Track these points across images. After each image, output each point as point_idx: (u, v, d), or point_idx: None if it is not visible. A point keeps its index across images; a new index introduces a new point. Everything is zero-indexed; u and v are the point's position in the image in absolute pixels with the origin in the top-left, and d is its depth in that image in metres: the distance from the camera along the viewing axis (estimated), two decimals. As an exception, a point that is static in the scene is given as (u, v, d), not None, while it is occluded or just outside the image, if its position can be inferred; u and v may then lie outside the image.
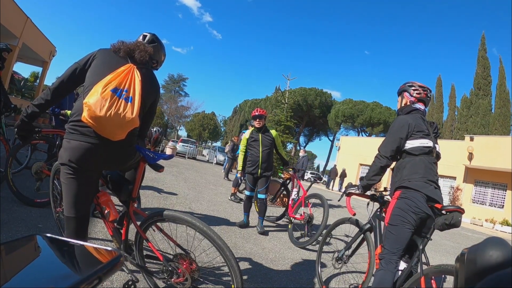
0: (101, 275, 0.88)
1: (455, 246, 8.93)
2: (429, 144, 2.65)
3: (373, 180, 2.79)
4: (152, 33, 2.56)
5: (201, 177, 12.31)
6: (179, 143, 27.49)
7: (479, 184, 21.79)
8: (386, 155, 2.70)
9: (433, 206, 2.46)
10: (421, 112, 2.84)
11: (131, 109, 1.93)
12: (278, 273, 3.70)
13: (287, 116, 10.48)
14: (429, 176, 2.55)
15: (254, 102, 57.76)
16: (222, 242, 2.04)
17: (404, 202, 2.51)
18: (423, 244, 2.47)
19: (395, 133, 2.69)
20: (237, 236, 4.90)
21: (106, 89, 1.87)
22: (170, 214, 2.18)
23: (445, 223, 2.34)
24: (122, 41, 2.23)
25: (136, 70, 2.07)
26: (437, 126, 2.88)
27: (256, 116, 5.78)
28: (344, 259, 3.31)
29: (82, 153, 1.90)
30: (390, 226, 2.57)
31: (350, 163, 29.74)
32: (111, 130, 1.90)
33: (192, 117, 65.58)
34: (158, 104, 2.53)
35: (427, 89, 2.88)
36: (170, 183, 8.61)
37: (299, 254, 4.63)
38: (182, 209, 5.86)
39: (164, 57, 2.70)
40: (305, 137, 58.76)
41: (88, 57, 2.13)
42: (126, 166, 2.29)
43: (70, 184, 1.96)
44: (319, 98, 47.10)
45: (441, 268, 2.25)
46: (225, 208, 6.92)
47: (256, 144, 5.75)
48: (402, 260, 2.58)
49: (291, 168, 6.56)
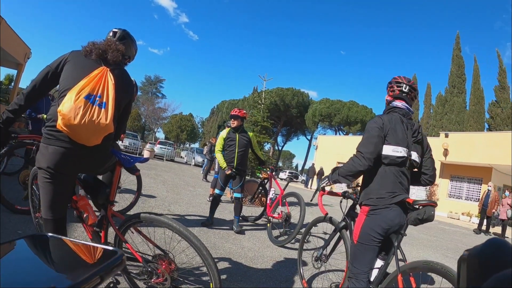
0: (102, 275, 0.90)
1: (431, 240, 9.21)
2: (401, 154, 2.40)
3: (346, 180, 2.49)
4: (122, 29, 2.49)
5: (179, 179, 12.25)
6: (157, 145, 27.29)
7: (455, 179, 22.47)
8: (370, 156, 2.35)
9: (405, 201, 2.33)
10: (403, 111, 2.57)
11: (105, 115, 1.96)
12: (257, 271, 3.76)
13: (264, 116, 10.60)
14: (397, 190, 2.38)
15: (232, 102, 57.67)
16: (199, 241, 2.08)
17: (374, 219, 2.36)
18: (398, 240, 2.36)
19: (374, 134, 2.40)
20: (216, 236, 4.94)
21: (79, 96, 1.89)
22: (147, 216, 2.22)
23: (417, 218, 2.24)
24: (93, 42, 2.21)
25: (109, 73, 2.09)
26: (418, 129, 2.57)
27: (232, 116, 5.88)
28: (323, 258, 3.28)
29: (59, 158, 1.94)
30: (359, 245, 2.42)
31: (328, 161, 30.00)
32: (86, 136, 1.94)
33: (170, 118, 65.17)
34: (134, 105, 2.55)
35: (402, 83, 2.61)
36: (148, 186, 8.54)
37: (278, 253, 4.71)
38: (161, 211, 5.84)
39: (136, 51, 2.65)
40: (283, 137, 59.03)
41: (60, 60, 2.13)
42: (102, 169, 2.34)
43: (48, 187, 2.00)
44: (296, 98, 47.41)
45: (416, 264, 2.25)
46: (204, 209, 6.92)
47: (232, 143, 5.81)
48: (379, 258, 2.47)
49: (268, 168, 6.62)
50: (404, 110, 2.59)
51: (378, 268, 2.44)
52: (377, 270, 2.44)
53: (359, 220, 2.47)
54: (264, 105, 10.94)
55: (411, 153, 2.47)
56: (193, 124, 69.35)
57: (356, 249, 2.45)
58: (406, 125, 2.51)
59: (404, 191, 2.42)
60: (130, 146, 24.52)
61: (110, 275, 0.96)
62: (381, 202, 2.35)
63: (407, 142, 2.46)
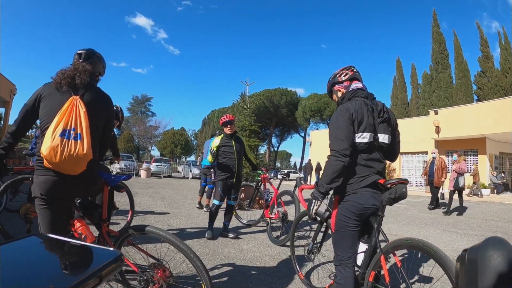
0: (101, 275, 0.92)
1: (433, 217, 9.30)
2: (366, 140, 2.36)
3: (336, 182, 2.31)
4: (86, 49, 2.57)
5: (177, 194, 12.33)
6: (152, 163, 27.28)
7: (451, 154, 22.49)
8: (347, 152, 2.27)
9: (377, 182, 2.36)
10: (364, 92, 2.53)
11: (81, 146, 2.11)
12: (257, 271, 3.86)
13: (251, 120, 10.69)
14: (365, 174, 2.37)
15: (221, 111, 57.76)
16: (185, 245, 2.21)
17: (346, 206, 2.37)
18: (377, 222, 2.35)
19: (344, 127, 2.32)
20: (215, 243, 5.02)
21: (54, 135, 2.05)
22: (135, 227, 2.39)
23: (390, 198, 2.25)
24: (61, 71, 2.31)
25: (79, 102, 2.21)
26: (383, 108, 2.49)
27: (226, 122, 5.62)
28: (315, 250, 3.34)
29: (49, 186, 2.13)
30: (337, 233, 2.45)
31: (323, 156, 29.29)
32: (69, 168, 2.11)
33: (162, 135, 65.15)
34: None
35: (349, 66, 2.67)
36: (147, 204, 8.65)
37: (277, 251, 4.80)
38: (161, 227, 5.86)
39: (105, 65, 2.75)
40: (277, 137, 59.32)
41: (35, 97, 2.27)
42: (92, 191, 2.53)
43: (44, 213, 2.18)
44: (284, 97, 47.67)
45: (398, 243, 2.28)
46: (203, 219, 6.99)
47: (230, 151, 5.52)
48: (362, 242, 2.50)
49: (260, 170, 6.54)
50: (366, 91, 2.55)
51: (364, 252, 2.46)
52: (363, 254, 2.46)
53: (334, 209, 2.50)
54: (249, 109, 11.05)
55: (378, 136, 2.44)
56: (186, 137, 69.31)
57: (336, 237, 2.47)
58: (371, 107, 2.45)
59: (373, 173, 2.40)
60: (126, 167, 24.55)
61: (109, 275, 0.98)
62: (349, 188, 2.38)
63: (374, 126, 2.42)
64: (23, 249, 1.09)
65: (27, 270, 0.93)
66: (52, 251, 1.17)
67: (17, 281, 0.85)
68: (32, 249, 1.13)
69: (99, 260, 1.05)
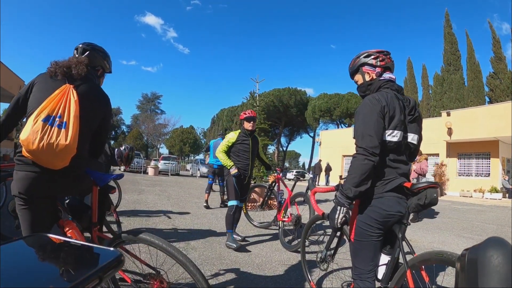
0: (101, 275, 0.88)
1: (445, 222, 9.00)
2: (396, 139, 2.06)
3: (365, 185, 1.99)
4: (82, 43, 2.42)
5: (184, 192, 12.19)
6: (160, 161, 27.34)
7: (463, 156, 22.27)
8: (376, 150, 1.97)
9: (402, 186, 2.05)
10: (395, 85, 2.24)
11: (64, 136, 1.87)
12: (264, 277, 3.64)
13: (260, 118, 10.48)
14: (391, 177, 2.08)
15: (231, 110, 57.79)
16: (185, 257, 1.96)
17: (368, 213, 2.08)
18: (401, 231, 2.05)
19: (373, 121, 2.02)
20: (221, 246, 4.80)
21: (37, 120, 1.83)
22: (128, 233, 2.15)
23: (419, 204, 1.96)
24: (56, 61, 2.14)
25: (72, 90, 2.00)
26: (415, 106, 2.23)
27: (250, 117, 5.21)
28: (328, 259, 3.00)
29: (29, 183, 1.90)
30: (356, 242, 2.16)
31: (333, 156, 29.96)
32: (48, 160, 1.86)
33: (171, 133, 65.48)
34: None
35: (386, 52, 2.30)
36: (152, 203, 8.49)
37: (287, 256, 4.56)
38: (165, 227, 5.75)
39: (108, 58, 2.56)
40: (286, 137, 59.13)
41: (28, 85, 2.10)
42: (79, 191, 2.26)
43: (24, 214, 1.97)
44: (293, 97, 47.41)
45: (428, 256, 1.98)
46: (209, 220, 6.83)
47: (245, 149, 5.16)
48: (384, 253, 2.19)
49: (275, 170, 6.27)
50: (397, 84, 2.25)
51: (386, 264, 2.16)
52: (385, 266, 2.18)
53: (353, 215, 2.21)
54: (259, 107, 10.83)
55: (407, 135, 2.17)
56: (194, 136, 69.61)
57: (355, 247, 2.19)
58: (403, 103, 2.17)
59: (399, 176, 2.11)
60: (134, 165, 24.67)
61: (109, 275, 0.94)
62: (372, 193, 2.08)
63: (404, 124, 2.14)
64: (22, 249, 1.08)
65: (26, 270, 0.92)
66: (51, 251, 1.15)
67: (17, 281, 0.83)
68: (31, 249, 1.12)
69: (99, 260, 1.03)
